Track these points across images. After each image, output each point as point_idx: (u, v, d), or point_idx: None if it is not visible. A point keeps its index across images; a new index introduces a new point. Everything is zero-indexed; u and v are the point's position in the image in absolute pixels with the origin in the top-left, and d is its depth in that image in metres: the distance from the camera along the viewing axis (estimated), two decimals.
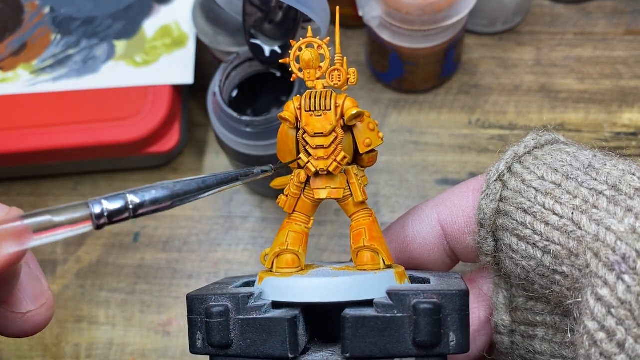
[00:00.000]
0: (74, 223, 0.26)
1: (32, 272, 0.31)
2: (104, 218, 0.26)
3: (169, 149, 0.61)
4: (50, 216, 0.25)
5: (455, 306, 0.30)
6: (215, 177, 0.30)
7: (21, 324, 0.30)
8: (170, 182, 0.28)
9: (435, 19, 0.56)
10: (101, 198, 0.26)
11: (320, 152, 0.34)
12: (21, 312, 0.30)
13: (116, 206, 0.26)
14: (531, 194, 0.34)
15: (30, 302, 0.30)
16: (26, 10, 0.65)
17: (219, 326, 0.31)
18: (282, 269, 0.34)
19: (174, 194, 0.28)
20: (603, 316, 0.28)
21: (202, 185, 0.29)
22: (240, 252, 0.60)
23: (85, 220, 0.26)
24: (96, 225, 0.26)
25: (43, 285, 0.31)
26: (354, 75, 0.35)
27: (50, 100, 0.61)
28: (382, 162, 0.62)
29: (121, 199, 0.27)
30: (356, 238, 0.34)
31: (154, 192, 0.27)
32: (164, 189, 0.28)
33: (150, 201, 0.27)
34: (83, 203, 0.26)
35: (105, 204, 0.26)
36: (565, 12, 0.69)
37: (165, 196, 0.28)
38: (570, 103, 0.64)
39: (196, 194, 0.29)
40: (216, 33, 0.59)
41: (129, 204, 0.27)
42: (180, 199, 0.28)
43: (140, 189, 0.27)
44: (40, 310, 0.31)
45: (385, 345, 0.30)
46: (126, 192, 0.27)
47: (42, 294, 0.31)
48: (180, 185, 0.28)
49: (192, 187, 0.29)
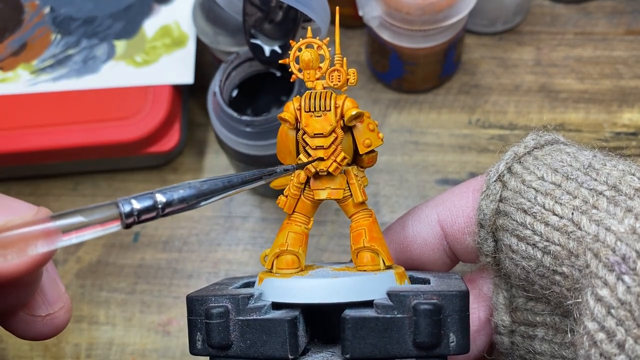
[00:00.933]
0: (103, 223, 0.26)
1: (50, 276, 0.31)
2: (133, 217, 0.26)
3: (169, 149, 0.61)
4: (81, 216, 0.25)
5: (455, 307, 0.30)
6: (240, 176, 0.30)
7: (40, 327, 0.31)
8: (197, 182, 0.28)
9: (435, 18, 0.56)
10: (130, 197, 0.26)
11: (320, 152, 0.34)
12: (41, 315, 0.30)
13: (145, 205, 0.27)
14: (531, 195, 0.34)
15: (49, 306, 0.31)
16: (26, 10, 0.65)
17: (218, 327, 0.31)
18: (282, 270, 0.34)
19: (201, 193, 0.28)
20: (603, 317, 0.28)
21: (227, 184, 0.29)
22: (240, 252, 0.60)
23: (114, 220, 0.26)
24: (125, 225, 0.26)
25: (60, 288, 0.31)
26: (354, 75, 0.35)
27: (50, 100, 0.61)
28: (382, 162, 0.62)
29: (150, 198, 0.27)
30: (356, 239, 0.34)
31: (181, 192, 0.28)
32: (191, 189, 0.28)
33: (178, 200, 0.28)
34: (112, 202, 0.26)
35: (134, 203, 0.26)
36: (565, 12, 0.69)
37: (192, 195, 0.28)
38: (570, 103, 0.64)
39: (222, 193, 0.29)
40: (216, 33, 0.59)
41: (158, 204, 0.27)
42: (206, 197, 0.29)
43: (168, 189, 0.28)
44: (59, 313, 0.31)
45: (385, 346, 0.30)
46: (154, 191, 0.27)
47: (60, 297, 0.31)
48: (207, 184, 0.29)
49: (218, 186, 0.29)
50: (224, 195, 0.29)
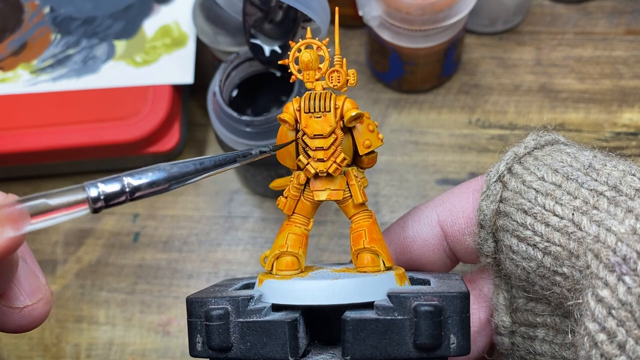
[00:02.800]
0: (70, 206, 0.25)
1: (28, 267, 0.31)
2: (101, 201, 0.26)
3: (169, 149, 0.61)
4: (46, 200, 0.25)
5: (455, 308, 0.30)
6: (213, 159, 0.29)
7: (18, 319, 0.30)
8: (167, 164, 0.28)
9: (435, 18, 0.56)
10: (98, 181, 0.26)
11: (319, 153, 0.33)
12: (18, 307, 0.30)
13: (113, 189, 0.26)
14: (531, 195, 0.34)
15: (27, 297, 0.30)
16: (26, 10, 0.65)
17: (218, 329, 0.31)
18: (282, 271, 0.34)
19: (171, 177, 0.27)
20: (604, 317, 0.28)
21: (199, 167, 0.29)
22: (240, 252, 0.60)
23: (81, 203, 0.26)
24: (93, 209, 0.26)
25: (40, 280, 0.31)
26: (354, 76, 0.35)
27: (50, 100, 0.61)
28: (382, 162, 0.62)
29: (118, 181, 0.26)
30: (356, 240, 0.34)
31: (150, 175, 0.27)
32: (160, 171, 0.27)
33: (147, 184, 0.27)
34: (79, 186, 0.26)
35: (101, 186, 0.26)
36: (565, 12, 0.68)
37: (162, 178, 0.27)
38: (570, 103, 0.64)
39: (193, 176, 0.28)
40: (216, 33, 0.59)
41: (126, 187, 0.26)
42: (177, 181, 0.28)
43: (136, 172, 0.27)
44: (38, 305, 0.30)
45: (386, 348, 0.30)
46: (123, 175, 0.27)
47: (39, 288, 0.31)
48: (177, 167, 0.28)
49: (189, 168, 0.28)
50: (196, 179, 0.29)
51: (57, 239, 0.61)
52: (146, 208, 0.62)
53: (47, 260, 0.60)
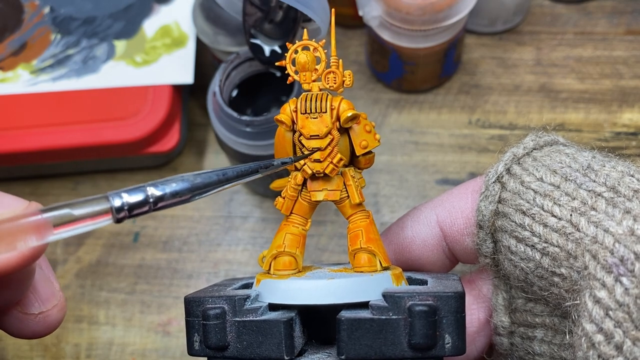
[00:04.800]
0: (94, 216, 0.25)
1: (44, 274, 0.31)
2: (124, 211, 0.26)
3: (169, 148, 0.61)
4: (70, 209, 0.25)
5: (450, 308, 0.30)
6: (235, 169, 0.29)
7: (33, 325, 0.30)
8: (191, 175, 0.28)
9: (435, 18, 0.56)
10: (121, 191, 0.26)
11: (316, 154, 0.34)
12: (33, 313, 0.30)
13: (136, 199, 0.26)
14: (530, 196, 0.34)
15: (42, 304, 0.30)
16: (26, 10, 0.65)
17: (215, 328, 0.31)
18: (279, 271, 0.34)
19: (194, 187, 0.27)
20: (601, 318, 0.28)
21: (222, 177, 0.29)
22: (240, 252, 0.60)
23: (105, 214, 0.25)
24: (116, 219, 0.26)
25: (55, 286, 0.31)
26: (350, 77, 0.35)
27: (50, 100, 0.61)
28: (382, 162, 0.62)
29: (141, 192, 0.26)
30: (353, 240, 0.34)
31: (174, 185, 0.27)
32: (184, 182, 0.27)
33: (170, 194, 0.27)
34: (103, 196, 0.26)
35: (125, 197, 0.26)
36: (565, 12, 0.68)
37: (185, 189, 0.27)
38: (570, 103, 0.64)
39: (216, 187, 0.28)
40: (216, 33, 0.59)
41: (150, 197, 0.26)
42: (200, 191, 0.28)
43: (160, 182, 0.27)
44: (52, 311, 0.31)
45: (381, 348, 0.30)
46: (146, 185, 0.27)
47: (54, 294, 0.31)
48: (201, 177, 0.28)
49: (212, 179, 0.28)
50: (218, 189, 0.29)
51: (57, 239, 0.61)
52: None
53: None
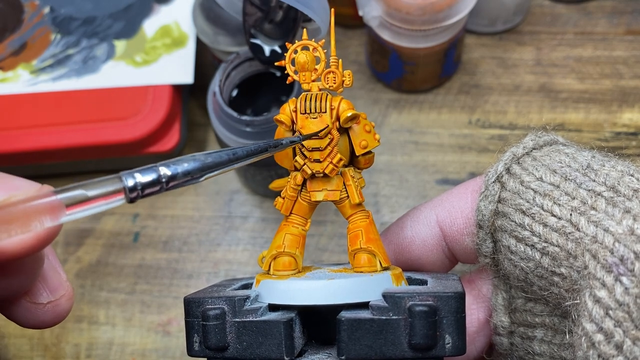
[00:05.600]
0: (107, 196, 0.26)
1: (51, 263, 0.31)
2: (137, 191, 0.26)
3: (169, 148, 0.61)
4: (83, 190, 0.25)
5: (450, 308, 0.30)
6: (245, 149, 0.30)
7: (41, 314, 0.30)
8: (202, 154, 0.28)
9: (435, 18, 0.56)
10: (134, 171, 0.26)
11: (316, 154, 0.34)
12: (42, 302, 0.30)
13: (149, 179, 0.26)
14: (529, 195, 0.34)
15: (51, 293, 0.30)
16: (26, 10, 0.65)
17: (215, 329, 0.31)
18: (279, 272, 0.34)
19: (205, 166, 0.28)
20: (601, 318, 0.28)
21: (232, 156, 0.29)
22: (240, 252, 0.60)
23: (117, 193, 0.26)
24: (129, 199, 0.26)
25: (62, 276, 0.31)
26: (349, 77, 0.35)
27: (50, 100, 0.61)
28: (382, 162, 0.62)
29: (154, 171, 0.26)
30: (353, 240, 0.34)
31: (185, 165, 0.27)
32: (195, 161, 0.28)
33: (182, 173, 0.27)
34: (116, 176, 0.26)
35: (138, 177, 0.26)
36: (565, 12, 0.68)
37: (196, 168, 0.28)
38: (570, 103, 0.64)
39: (226, 165, 0.29)
40: (216, 33, 0.59)
41: (162, 177, 0.26)
42: (211, 170, 0.28)
43: (172, 162, 0.27)
44: (60, 301, 0.31)
45: (381, 348, 0.30)
46: (158, 164, 0.27)
47: (61, 284, 0.31)
48: (212, 157, 0.28)
49: (222, 158, 0.29)
50: (228, 168, 0.29)
51: (57, 239, 0.61)
52: (146, 208, 0.62)
53: None
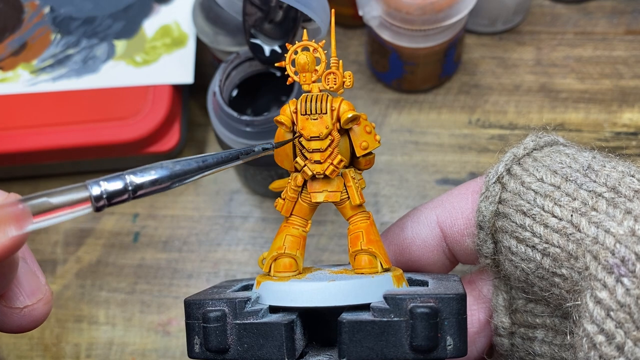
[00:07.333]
0: (73, 205, 0.25)
1: (28, 267, 0.31)
2: (103, 200, 0.26)
3: (169, 148, 0.61)
4: (48, 198, 0.25)
5: (452, 310, 0.30)
6: (215, 156, 0.29)
7: (19, 319, 0.30)
8: (170, 162, 0.28)
9: (435, 18, 0.56)
10: (100, 179, 0.26)
11: (316, 155, 0.33)
12: (18, 307, 0.30)
13: (115, 187, 0.26)
14: (530, 196, 0.34)
15: (28, 297, 0.30)
16: (26, 10, 0.65)
17: (216, 331, 0.31)
18: (279, 273, 0.34)
19: (174, 174, 0.27)
20: (602, 319, 0.28)
21: (202, 164, 0.28)
22: (240, 252, 0.60)
23: (84, 202, 0.25)
24: (95, 207, 0.26)
25: (40, 280, 0.31)
26: (350, 78, 0.35)
27: (50, 100, 0.61)
28: (382, 162, 0.62)
29: (120, 179, 0.26)
30: (354, 241, 0.34)
31: (153, 173, 0.27)
32: (163, 169, 0.27)
33: (150, 182, 0.27)
34: (81, 185, 0.26)
35: (104, 185, 0.26)
36: (565, 12, 0.68)
37: (165, 176, 0.27)
38: (570, 103, 0.64)
39: (196, 174, 0.28)
40: (216, 33, 0.59)
41: (129, 185, 0.26)
42: (180, 179, 0.28)
43: (139, 170, 0.27)
44: (38, 305, 0.30)
45: (382, 350, 0.30)
46: (125, 172, 0.26)
47: (39, 288, 0.31)
48: (180, 165, 0.28)
49: (191, 166, 0.28)
50: (198, 176, 0.28)
51: (57, 239, 0.61)
52: (146, 208, 0.62)
53: (47, 260, 0.60)
